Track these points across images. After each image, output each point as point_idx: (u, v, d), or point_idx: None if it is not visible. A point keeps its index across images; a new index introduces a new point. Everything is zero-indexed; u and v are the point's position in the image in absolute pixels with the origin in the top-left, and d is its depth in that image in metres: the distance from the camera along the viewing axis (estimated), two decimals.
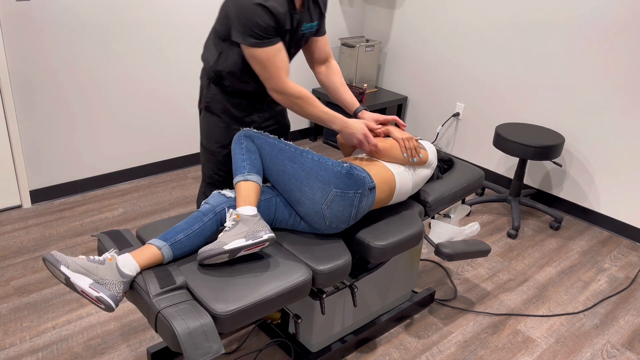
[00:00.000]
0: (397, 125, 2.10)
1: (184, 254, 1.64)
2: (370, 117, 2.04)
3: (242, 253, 1.60)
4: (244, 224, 1.58)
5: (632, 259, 2.95)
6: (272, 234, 1.60)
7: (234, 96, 1.95)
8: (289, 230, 1.86)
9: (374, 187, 1.79)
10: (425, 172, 2.04)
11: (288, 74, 1.80)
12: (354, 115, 2.08)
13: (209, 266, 1.62)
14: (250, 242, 1.56)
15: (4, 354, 2.02)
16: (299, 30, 1.88)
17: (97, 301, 1.45)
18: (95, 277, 1.45)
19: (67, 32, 2.87)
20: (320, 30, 2.01)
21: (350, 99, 2.08)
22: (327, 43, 2.07)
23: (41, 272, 2.49)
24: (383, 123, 2.04)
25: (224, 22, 1.80)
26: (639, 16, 2.85)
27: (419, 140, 2.13)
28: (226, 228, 1.59)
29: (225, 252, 1.55)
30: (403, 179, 1.92)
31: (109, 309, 1.45)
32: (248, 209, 1.63)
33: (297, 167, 1.73)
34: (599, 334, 2.35)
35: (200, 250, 1.58)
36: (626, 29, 2.91)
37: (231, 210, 1.64)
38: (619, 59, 2.97)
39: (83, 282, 1.44)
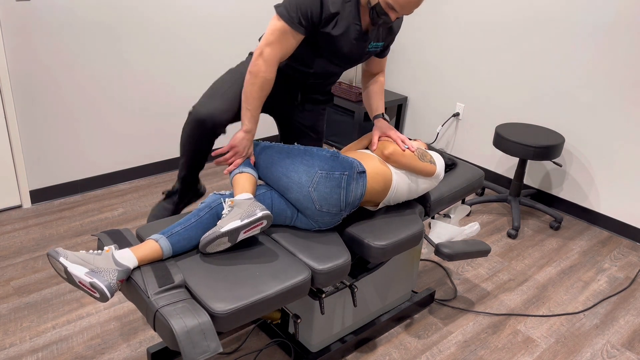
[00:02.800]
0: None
1: (182, 249, 1.65)
2: (381, 128, 2.03)
3: (242, 235, 1.63)
4: (238, 207, 1.64)
5: (632, 259, 2.94)
6: (267, 212, 1.64)
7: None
8: (288, 229, 1.86)
9: (364, 172, 1.80)
10: (427, 185, 2.02)
11: (278, 60, 1.81)
12: (373, 119, 2.11)
13: (208, 263, 1.62)
14: (245, 221, 1.59)
15: (4, 354, 2.02)
16: (361, 44, 1.91)
17: (92, 288, 1.46)
18: (91, 267, 1.49)
19: (67, 32, 2.87)
20: (383, 52, 2.10)
21: (376, 105, 2.13)
22: (384, 63, 2.15)
23: (41, 272, 2.49)
24: (388, 136, 2.03)
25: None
26: (639, 16, 2.85)
27: (430, 151, 2.11)
28: (223, 215, 1.65)
29: (223, 234, 1.59)
30: (401, 180, 1.92)
31: (103, 297, 1.47)
32: (243, 195, 1.69)
33: (284, 155, 1.81)
34: (599, 334, 2.35)
35: (201, 238, 1.64)
36: (626, 29, 2.91)
37: (227, 199, 1.70)
38: (619, 58, 2.97)
39: (79, 271, 1.47)
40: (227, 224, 1.59)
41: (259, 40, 2.03)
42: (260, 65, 1.79)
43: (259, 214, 1.61)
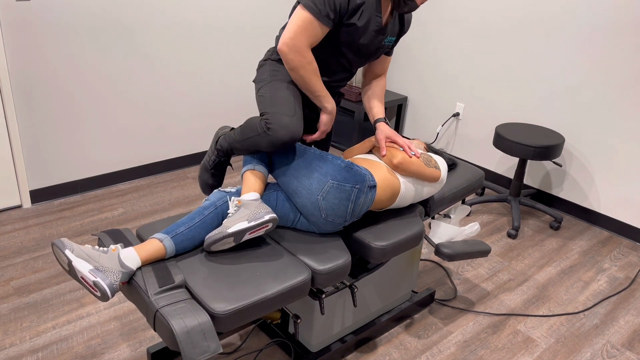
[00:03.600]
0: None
1: (186, 248, 1.66)
2: (384, 132, 2.00)
3: (247, 236, 1.64)
4: (245, 208, 1.64)
5: (632, 259, 2.94)
6: (274, 215, 1.65)
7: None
8: (289, 229, 1.86)
9: (375, 186, 1.79)
10: (431, 189, 2.02)
11: (308, 46, 1.76)
12: (374, 123, 2.09)
13: (208, 263, 1.62)
14: (252, 223, 1.61)
15: (4, 354, 2.02)
16: (379, 36, 1.90)
17: (94, 287, 1.47)
18: (96, 264, 1.49)
19: (67, 32, 2.87)
20: (391, 50, 2.09)
21: (378, 109, 2.11)
22: (388, 63, 2.14)
23: (41, 272, 2.49)
24: (393, 142, 2.01)
25: None
26: (638, 16, 2.85)
27: (434, 155, 2.10)
28: (229, 214, 1.65)
29: (229, 235, 1.60)
30: (408, 188, 1.92)
31: (104, 296, 1.47)
32: (250, 195, 1.69)
33: (298, 158, 1.79)
34: (599, 334, 2.35)
35: (206, 237, 1.64)
36: (626, 29, 2.91)
37: (234, 197, 1.70)
38: (619, 58, 2.97)
39: (83, 267, 1.47)
40: (234, 225, 1.61)
41: (276, 40, 2.01)
42: (294, 57, 1.74)
43: (266, 217, 1.63)
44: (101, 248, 1.56)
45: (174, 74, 3.37)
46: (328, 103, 1.87)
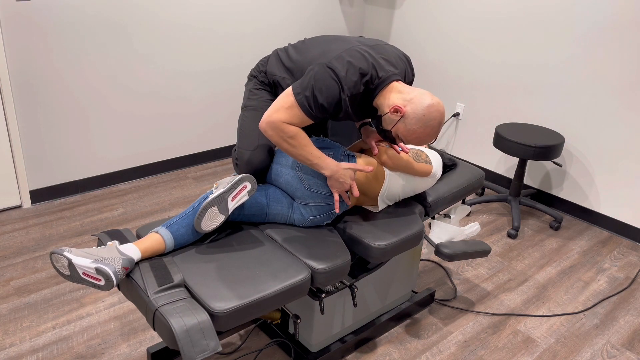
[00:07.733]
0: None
1: (182, 237, 1.68)
2: (371, 133, 2.01)
3: (232, 204, 1.68)
4: (221, 184, 1.72)
5: (632, 259, 2.94)
6: (248, 174, 1.71)
7: None
8: (288, 229, 1.86)
9: (353, 156, 1.86)
10: (424, 183, 2.02)
11: (290, 125, 1.72)
12: (359, 128, 2.09)
13: (207, 262, 1.62)
14: (228, 186, 1.67)
15: (4, 354, 2.02)
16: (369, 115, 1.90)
17: (97, 276, 1.49)
18: (95, 257, 1.52)
19: (67, 32, 2.87)
20: None
21: None
22: None
23: (41, 272, 2.49)
24: (381, 140, 2.01)
25: (302, 65, 1.84)
26: (639, 16, 2.85)
27: (426, 149, 2.10)
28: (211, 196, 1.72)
29: (210, 202, 1.63)
30: (394, 179, 1.93)
31: (108, 282, 1.49)
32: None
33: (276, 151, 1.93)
34: (599, 334, 2.35)
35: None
36: (626, 29, 2.91)
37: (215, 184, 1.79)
38: (619, 58, 2.97)
39: (84, 261, 1.50)
40: (213, 195, 1.67)
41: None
42: (273, 134, 1.70)
43: (239, 176, 1.68)
44: (99, 247, 1.58)
45: (174, 74, 3.37)
46: (324, 169, 1.74)
